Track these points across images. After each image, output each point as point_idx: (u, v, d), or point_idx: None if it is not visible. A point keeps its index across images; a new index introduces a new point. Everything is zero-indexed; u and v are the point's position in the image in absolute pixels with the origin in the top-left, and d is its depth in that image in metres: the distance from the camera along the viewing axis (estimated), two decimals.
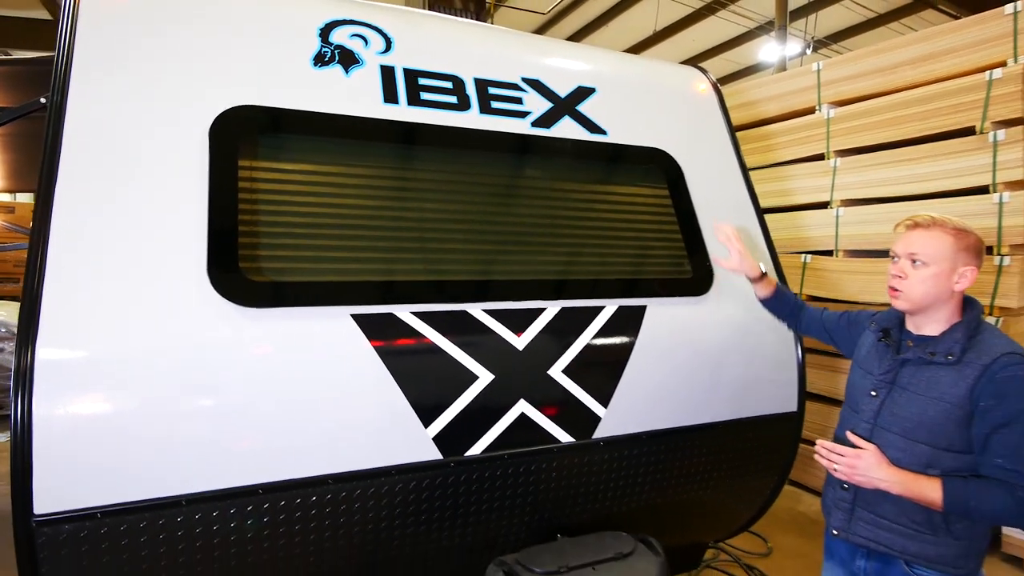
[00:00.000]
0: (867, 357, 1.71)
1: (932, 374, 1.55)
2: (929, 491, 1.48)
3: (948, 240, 1.54)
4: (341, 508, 1.59)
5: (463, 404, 1.71)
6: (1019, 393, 1.45)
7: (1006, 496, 1.43)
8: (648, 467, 2.01)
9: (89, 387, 1.36)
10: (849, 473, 1.56)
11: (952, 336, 1.55)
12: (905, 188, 3.89)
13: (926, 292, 1.55)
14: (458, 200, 1.94)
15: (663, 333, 2.04)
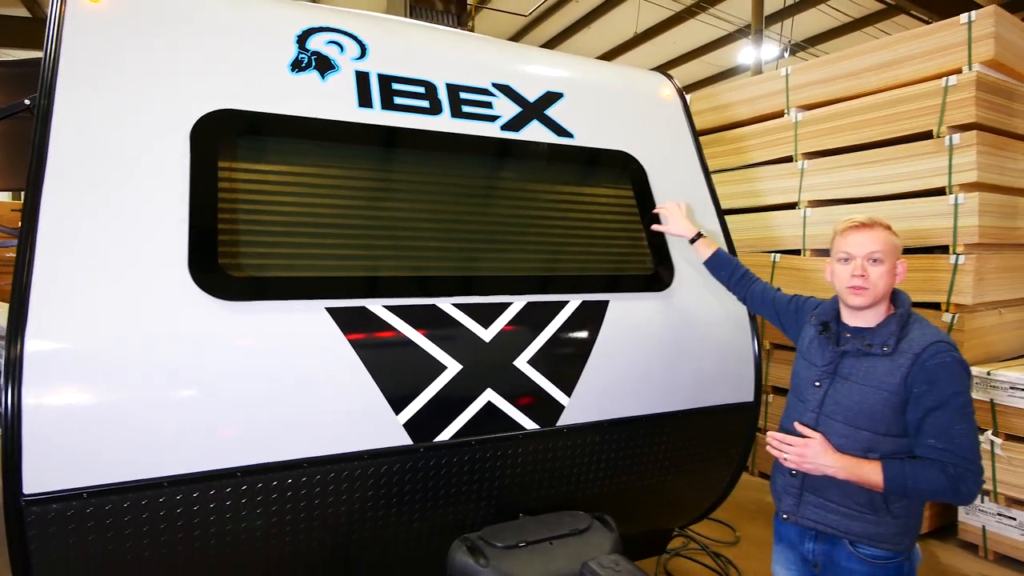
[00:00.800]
0: (809, 348, 1.83)
1: (870, 364, 1.67)
2: (871, 474, 1.59)
3: (892, 237, 1.71)
4: (316, 490, 1.68)
5: (432, 393, 1.81)
6: (948, 378, 1.57)
7: (939, 474, 1.54)
8: (610, 453, 2.13)
9: (75, 377, 1.44)
10: (798, 461, 1.68)
11: (887, 328, 1.68)
12: (868, 190, 4.05)
13: (886, 287, 1.68)
14: (429, 200, 2.04)
15: (625, 326, 2.15)
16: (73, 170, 1.57)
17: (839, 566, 1.72)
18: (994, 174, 3.67)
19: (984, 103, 3.60)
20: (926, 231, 3.76)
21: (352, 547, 1.79)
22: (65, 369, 1.43)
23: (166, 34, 1.79)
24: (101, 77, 1.67)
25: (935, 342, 1.61)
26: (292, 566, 1.73)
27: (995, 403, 3.49)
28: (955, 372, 1.58)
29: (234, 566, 1.65)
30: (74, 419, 1.43)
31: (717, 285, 2.42)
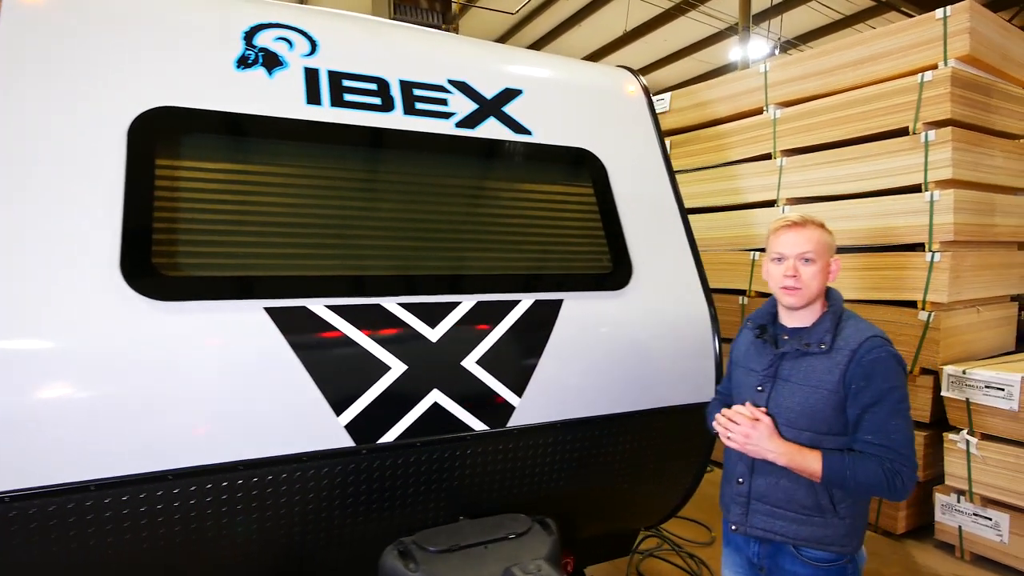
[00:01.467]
0: (747, 355, 1.82)
1: (809, 364, 1.67)
2: (811, 462, 1.59)
3: (825, 236, 1.71)
4: (253, 493, 1.65)
5: (375, 394, 1.78)
6: (884, 374, 1.58)
7: (877, 468, 1.55)
8: (565, 455, 2.10)
9: (2, 378, 1.41)
10: (743, 442, 1.65)
11: (822, 326, 1.69)
12: (844, 187, 4.02)
13: (818, 286, 1.69)
14: (377, 198, 2.01)
15: (579, 326, 2.12)
16: (4, 168, 1.54)
17: (784, 569, 1.71)
18: (969, 171, 3.65)
19: (960, 99, 3.57)
20: (902, 229, 3.74)
21: (292, 552, 1.76)
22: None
23: (106, 31, 1.76)
24: (37, 74, 1.64)
25: (870, 337, 1.62)
26: (228, 573, 1.71)
27: (970, 402, 3.46)
28: (890, 367, 1.59)
29: (166, 573, 1.62)
30: (2, 421, 1.40)
31: (677, 284, 2.40)
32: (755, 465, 1.72)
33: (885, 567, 3.47)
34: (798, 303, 1.69)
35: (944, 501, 3.62)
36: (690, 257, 2.47)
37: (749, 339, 1.83)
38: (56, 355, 1.47)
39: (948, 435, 3.57)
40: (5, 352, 1.42)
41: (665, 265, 2.39)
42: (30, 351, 1.45)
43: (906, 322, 3.73)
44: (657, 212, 2.48)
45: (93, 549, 1.52)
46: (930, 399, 3.68)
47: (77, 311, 1.51)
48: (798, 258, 1.67)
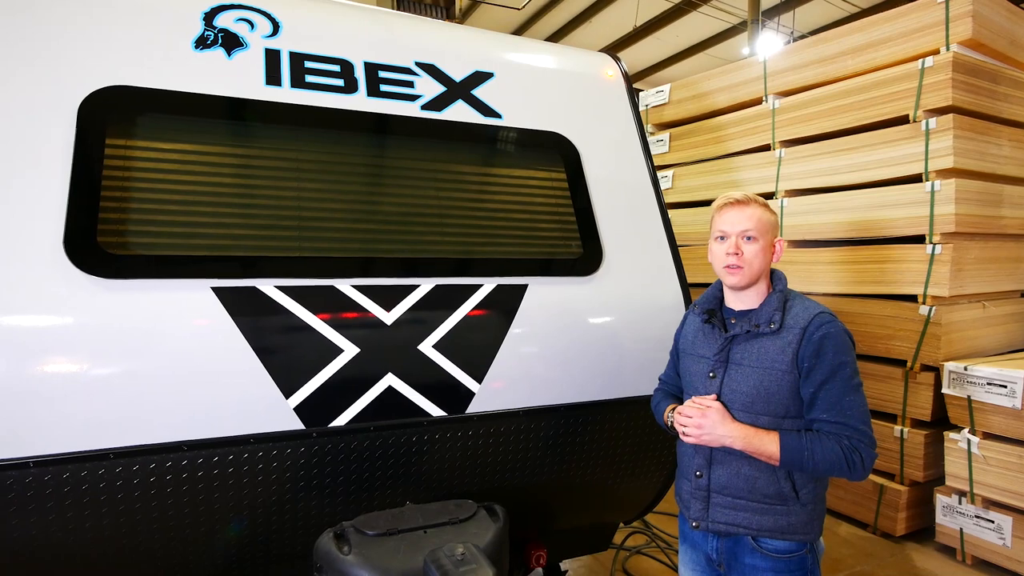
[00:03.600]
0: (695, 342, 1.78)
1: (760, 345, 1.63)
2: (768, 444, 1.56)
3: (767, 215, 1.67)
4: (199, 475, 1.63)
5: (326, 377, 1.75)
6: (835, 349, 1.56)
7: (835, 446, 1.52)
8: (529, 444, 2.05)
9: None
10: (697, 434, 1.61)
11: (769, 306, 1.66)
12: (844, 178, 3.91)
13: (761, 265, 1.66)
14: (335, 180, 1.98)
15: (544, 311, 2.07)
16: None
17: (742, 563, 1.66)
18: (973, 160, 3.52)
19: (962, 85, 3.44)
20: (901, 220, 3.62)
21: (237, 535, 1.74)
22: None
23: (60, 8, 1.76)
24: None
25: (818, 314, 1.61)
26: (170, 555, 1.69)
27: (972, 400, 3.33)
28: (840, 342, 1.56)
29: (106, 554, 1.60)
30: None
31: (651, 272, 2.34)
32: (713, 456, 1.68)
33: (880, 569, 3.36)
34: (741, 282, 1.65)
35: (945, 502, 3.49)
36: (666, 245, 2.40)
37: (696, 325, 1.79)
38: (2, 330, 1.46)
39: (949, 434, 3.44)
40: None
41: (639, 252, 2.33)
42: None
43: (906, 317, 3.61)
44: (632, 198, 2.42)
45: (33, 527, 1.51)
46: (931, 397, 3.55)
47: (18, 289, 1.50)
48: (740, 236, 1.64)
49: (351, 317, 1.81)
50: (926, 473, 3.59)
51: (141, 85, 1.79)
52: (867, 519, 3.77)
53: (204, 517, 1.68)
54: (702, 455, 1.69)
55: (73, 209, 1.60)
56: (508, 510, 1.82)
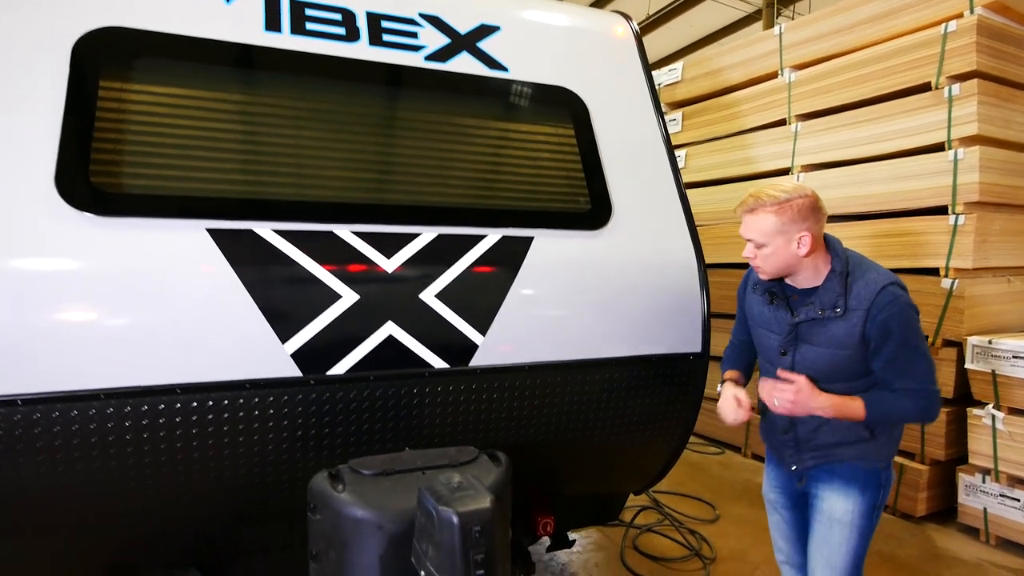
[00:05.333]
0: (762, 316, 1.84)
1: (827, 328, 1.69)
2: (855, 410, 1.67)
3: (770, 219, 1.65)
4: (192, 419, 1.59)
5: (324, 323, 1.70)
6: (899, 328, 1.61)
7: (910, 403, 1.65)
8: (534, 400, 1.99)
9: None
10: (790, 408, 1.70)
11: (832, 290, 1.67)
12: (862, 150, 3.81)
13: (776, 265, 1.70)
14: (335, 127, 1.93)
15: (550, 264, 2.01)
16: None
17: (825, 480, 1.81)
18: (998, 127, 3.40)
19: (986, 49, 3.33)
20: (923, 191, 3.51)
21: (231, 483, 1.69)
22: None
23: None
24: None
25: (880, 291, 1.62)
26: (159, 503, 1.64)
27: (997, 374, 3.22)
28: (903, 319, 1.61)
29: (93, 499, 1.57)
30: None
31: (662, 228, 2.27)
32: (795, 417, 1.77)
33: (901, 550, 3.25)
34: (767, 277, 1.76)
35: (968, 481, 3.37)
36: (678, 202, 2.33)
37: (761, 301, 1.83)
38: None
39: (972, 411, 3.33)
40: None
41: (649, 208, 2.26)
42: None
43: (928, 291, 3.49)
44: (643, 155, 2.34)
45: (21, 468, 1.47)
46: (953, 373, 3.44)
47: (9, 225, 1.47)
48: (751, 242, 1.72)
49: (350, 263, 1.76)
50: (948, 452, 3.47)
51: (138, 27, 1.75)
52: (887, 500, 3.65)
53: (198, 464, 1.63)
54: (782, 424, 1.83)
55: (65, 146, 1.56)
56: (512, 466, 1.76)
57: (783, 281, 1.78)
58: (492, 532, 1.09)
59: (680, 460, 4.51)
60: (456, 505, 1.12)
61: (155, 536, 1.76)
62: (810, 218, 1.64)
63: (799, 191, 1.65)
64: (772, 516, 2.04)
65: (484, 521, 1.10)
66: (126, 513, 1.64)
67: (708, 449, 4.72)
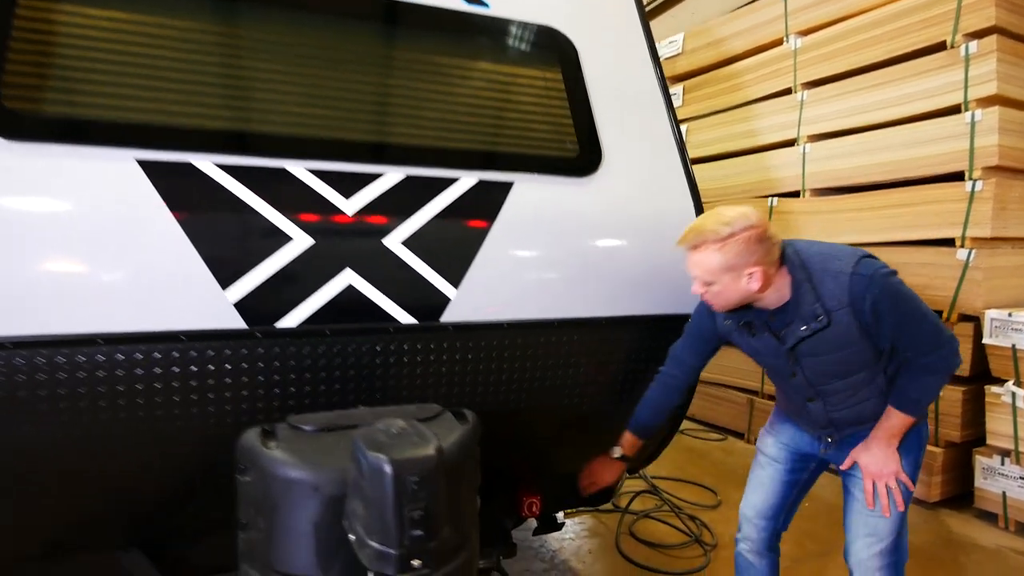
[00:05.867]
0: (751, 348, 1.71)
1: (820, 338, 1.56)
2: (904, 422, 1.60)
3: (715, 258, 1.49)
4: (117, 375, 1.39)
5: (272, 268, 1.51)
6: (888, 303, 1.48)
7: (931, 375, 1.56)
8: (513, 363, 1.79)
9: None
10: (890, 486, 1.62)
11: (803, 300, 1.53)
12: (873, 116, 3.60)
13: (728, 301, 1.57)
14: (291, 56, 1.73)
15: (533, 213, 1.81)
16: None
17: (857, 439, 1.70)
18: (1018, 87, 3.19)
19: (1005, 3, 3.13)
20: (938, 156, 3.31)
21: (167, 450, 1.49)
22: None
23: None
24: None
25: (850, 278, 1.49)
26: (85, 470, 1.45)
27: (1017, 349, 3.01)
28: (890, 294, 1.49)
29: (4, 465, 1.37)
30: None
31: (655, 177, 2.07)
32: (831, 420, 1.70)
33: (914, 535, 3.03)
34: (721, 310, 1.64)
35: (985, 464, 3.17)
36: (675, 152, 2.13)
37: (740, 332, 1.69)
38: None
39: (991, 388, 3.12)
40: None
41: (643, 157, 2.06)
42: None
43: (943, 263, 3.29)
44: (637, 100, 2.14)
45: None
46: (970, 349, 3.23)
47: None
48: (696, 281, 1.57)
49: (303, 204, 1.56)
50: (964, 433, 3.27)
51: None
52: None
53: (124, 428, 1.44)
54: (803, 396, 1.70)
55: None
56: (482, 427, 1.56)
57: (752, 307, 1.61)
58: (435, 487, 0.89)
59: (681, 446, 4.35)
60: (390, 452, 0.92)
61: (85, 511, 1.56)
62: (758, 251, 1.48)
63: (744, 222, 1.47)
64: (763, 470, 1.90)
65: (424, 472, 0.90)
66: (46, 483, 1.45)
67: (710, 435, 4.52)
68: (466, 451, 1.20)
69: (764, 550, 1.91)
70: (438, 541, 0.89)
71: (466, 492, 1.20)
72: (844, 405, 1.65)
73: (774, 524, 1.89)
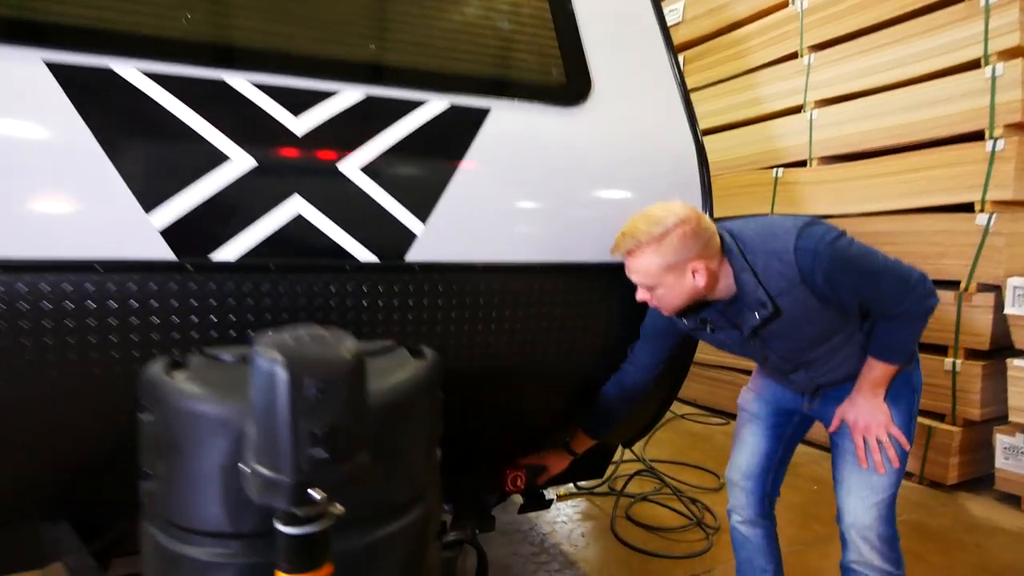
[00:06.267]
0: (716, 341, 1.62)
1: (780, 321, 1.45)
2: (885, 373, 1.49)
3: (654, 260, 1.40)
4: (20, 308, 1.19)
5: (207, 191, 1.30)
6: (841, 269, 1.37)
7: (905, 324, 1.45)
8: (488, 311, 1.59)
9: None
10: (881, 442, 1.51)
11: (749, 290, 1.42)
12: (884, 77, 3.40)
13: (676, 303, 1.46)
14: None
15: (511, 142, 1.61)
16: None
17: (842, 392, 1.59)
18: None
19: None
20: (955, 115, 3.09)
21: (84, 402, 1.29)
22: None
23: None
24: None
25: (794, 253, 1.37)
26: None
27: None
28: (837, 258, 1.36)
29: None
30: None
31: (649, 109, 1.86)
32: (814, 382, 1.61)
33: (932, 518, 2.84)
34: (671, 314, 1.51)
35: (1007, 443, 2.96)
36: (673, 86, 1.92)
37: (700, 329, 1.59)
38: None
39: (1013, 362, 2.92)
40: None
41: (638, 87, 1.85)
42: None
43: (961, 230, 3.08)
44: (631, 28, 1.93)
45: None
46: (990, 321, 3.02)
47: None
48: (639, 287, 1.48)
49: (244, 119, 1.36)
50: (983, 411, 3.06)
51: None
52: (911, 468, 3.24)
53: (31, 373, 1.23)
54: (805, 387, 1.64)
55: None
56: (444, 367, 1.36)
57: (705, 303, 1.51)
58: (346, 399, 0.68)
59: (681, 430, 4.14)
60: (289, 353, 0.70)
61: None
62: (696, 245, 1.39)
63: (674, 217, 1.39)
64: (745, 428, 1.80)
65: (331, 378, 0.68)
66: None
67: (711, 420, 4.32)
68: (420, 390, 1.00)
69: (756, 517, 1.79)
70: (351, 468, 0.68)
71: (419, 438, 1.00)
72: (827, 368, 1.56)
73: (763, 486, 1.78)
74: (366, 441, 0.67)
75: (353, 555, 0.86)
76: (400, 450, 0.93)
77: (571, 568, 2.37)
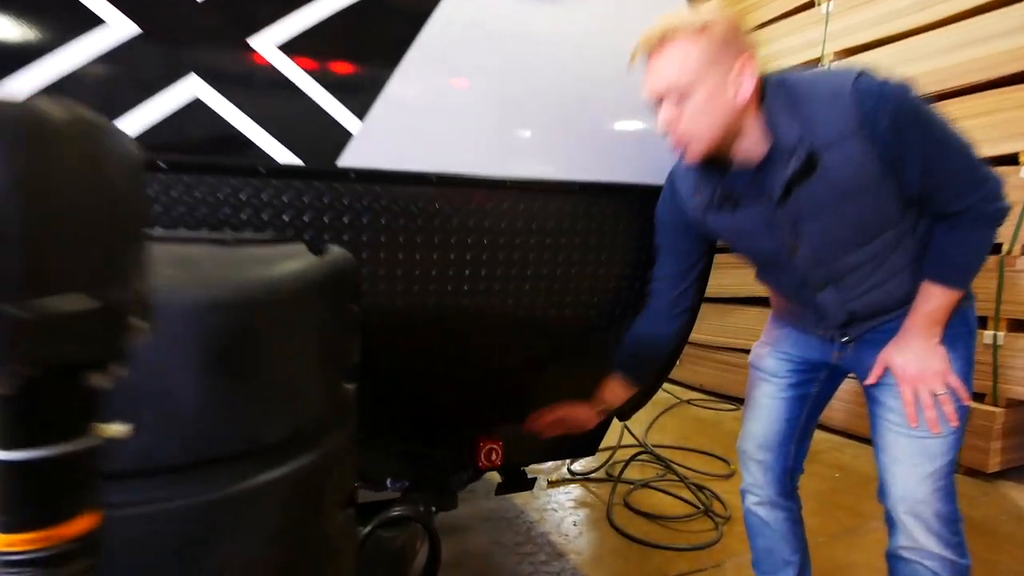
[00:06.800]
0: (735, 229, 1.28)
1: (822, 184, 1.12)
2: (946, 302, 1.19)
3: (692, 52, 1.07)
4: None
5: (72, 62, 1.02)
6: (914, 118, 1.07)
7: (974, 229, 1.15)
8: (447, 236, 1.29)
9: None
10: (934, 384, 1.21)
11: (783, 139, 1.11)
12: (912, 19, 3.08)
13: (710, 125, 1.11)
14: None
15: (474, 24, 1.31)
16: None
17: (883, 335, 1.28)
18: None
19: None
20: (997, 56, 2.76)
21: None
22: None
23: None
24: None
25: (854, 95, 1.06)
26: None
27: None
28: (910, 107, 1.06)
29: None
30: None
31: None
32: (850, 307, 1.27)
33: (972, 509, 2.51)
34: (697, 157, 1.15)
35: None
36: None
37: (717, 213, 1.26)
38: None
39: None
40: None
41: None
42: None
43: None
44: None
45: None
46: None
47: None
48: (667, 100, 1.12)
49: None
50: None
51: None
52: None
53: None
54: (835, 317, 1.30)
55: None
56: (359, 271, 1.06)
57: (726, 176, 1.21)
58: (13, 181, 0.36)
59: (687, 416, 3.82)
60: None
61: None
62: (739, 40, 1.09)
63: (715, 14, 1.09)
64: (759, 390, 1.48)
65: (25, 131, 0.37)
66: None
67: (722, 406, 3.99)
68: (311, 290, 0.71)
69: (776, 497, 1.47)
70: (36, 315, 0.36)
71: (309, 355, 0.71)
72: (865, 286, 1.24)
73: (783, 460, 1.46)
74: (82, 274, 0.36)
75: (185, 516, 0.57)
76: (266, 364, 0.64)
77: (559, 560, 2.07)
